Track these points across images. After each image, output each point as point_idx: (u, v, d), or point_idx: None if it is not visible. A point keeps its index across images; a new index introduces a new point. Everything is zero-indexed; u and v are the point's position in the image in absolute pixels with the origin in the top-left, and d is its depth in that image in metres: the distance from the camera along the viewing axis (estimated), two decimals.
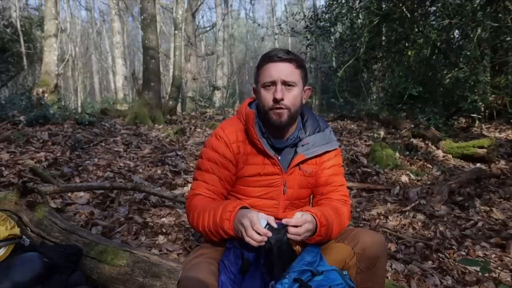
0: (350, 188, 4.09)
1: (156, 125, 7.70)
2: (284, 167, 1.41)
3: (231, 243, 1.30)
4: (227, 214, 1.23)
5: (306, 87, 1.41)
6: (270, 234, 1.12)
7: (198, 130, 7.64)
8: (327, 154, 1.46)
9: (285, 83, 1.31)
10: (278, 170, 1.40)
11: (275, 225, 1.17)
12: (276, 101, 1.30)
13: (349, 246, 1.32)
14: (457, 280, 2.25)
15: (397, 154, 5.24)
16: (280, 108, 1.31)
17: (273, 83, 1.31)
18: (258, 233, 1.13)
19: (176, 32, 10.90)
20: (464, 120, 8.70)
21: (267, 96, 1.33)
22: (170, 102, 10.22)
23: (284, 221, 1.19)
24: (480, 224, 3.11)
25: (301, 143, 1.42)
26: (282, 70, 1.31)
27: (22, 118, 5.97)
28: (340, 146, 5.95)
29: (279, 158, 1.41)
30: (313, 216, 1.26)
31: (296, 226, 1.19)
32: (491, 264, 2.41)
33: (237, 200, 1.40)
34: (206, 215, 1.29)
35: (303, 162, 1.42)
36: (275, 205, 1.43)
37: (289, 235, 1.17)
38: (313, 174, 1.45)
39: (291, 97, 1.33)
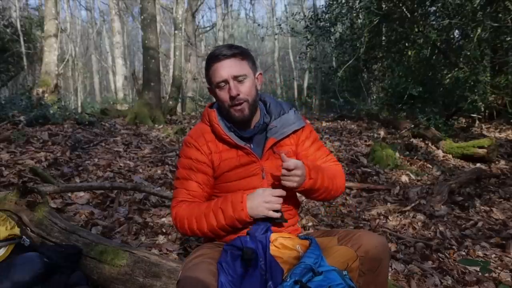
0: (350, 188, 4.09)
1: (156, 125, 7.70)
2: (258, 154, 1.44)
3: (228, 245, 1.30)
4: (239, 205, 1.31)
5: (257, 73, 1.46)
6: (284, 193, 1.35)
7: None
8: (303, 133, 1.52)
9: (236, 78, 1.36)
10: (253, 158, 1.43)
11: None
12: (232, 98, 1.35)
13: (352, 249, 1.32)
14: (457, 280, 2.25)
15: (397, 154, 5.24)
16: (239, 103, 1.36)
17: (225, 81, 1.36)
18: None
19: (176, 32, 10.90)
20: (464, 120, 8.71)
21: (223, 95, 1.38)
22: (170, 102, 10.22)
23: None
24: (480, 224, 3.11)
25: (269, 128, 1.46)
26: (230, 67, 1.35)
27: (22, 118, 5.97)
28: (340, 146, 6.02)
29: (251, 146, 1.45)
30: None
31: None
32: (491, 264, 2.41)
33: (233, 193, 1.42)
34: (212, 216, 1.34)
35: (275, 144, 1.46)
36: None
37: (283, 172, 1.32)
38: (290, 155, 1.47)
39: (246, 89, 1.37)
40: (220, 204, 1.35)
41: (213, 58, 1.37)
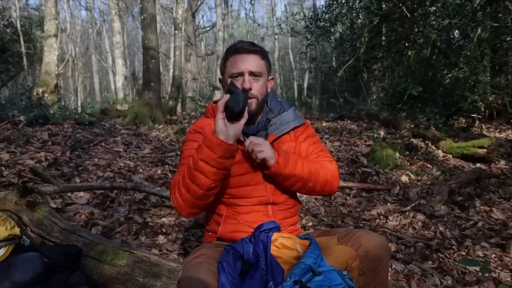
0: (350, 188, 4.09)
1: (156, 125, 7.70)
2: None
3: (229, 245, 1.30)
4: (211, 135, 1.24)
5: (270, 77, 1.50)
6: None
7: None
8: (299, 129, 1.54)
9: (252, 74, 1.39)
10: None
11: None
12: (244, 91, 1.36)
13: (352, 249, 1.32)
14: (457, 280, 2.25)
15: (397, 154, 5.24)
16: (249, 98, 1.37)
17: (241, 74, 1.39)
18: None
19: (176, 32, 10.90)
20: (464, 120, 8.71)
21: None
22: (170, 102, 10.22)
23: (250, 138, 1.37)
24: (480, 224, 3.11)
25: (269, 125, 1.50)
26: (248, 61, 1.39)
27: (22, 118, 5.96)
28: (340, 146, 6.01)
29: None
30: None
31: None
32: (491, 264, 2.41)
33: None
34: (196, 157, 1.26)
35: (276, 140, 1.48)
36: (263, 189, 1.45)
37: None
38: (291, 151, 1.49)
39: (258, 87, 1.41)
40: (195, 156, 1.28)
41: (233, 51, 1.41)
